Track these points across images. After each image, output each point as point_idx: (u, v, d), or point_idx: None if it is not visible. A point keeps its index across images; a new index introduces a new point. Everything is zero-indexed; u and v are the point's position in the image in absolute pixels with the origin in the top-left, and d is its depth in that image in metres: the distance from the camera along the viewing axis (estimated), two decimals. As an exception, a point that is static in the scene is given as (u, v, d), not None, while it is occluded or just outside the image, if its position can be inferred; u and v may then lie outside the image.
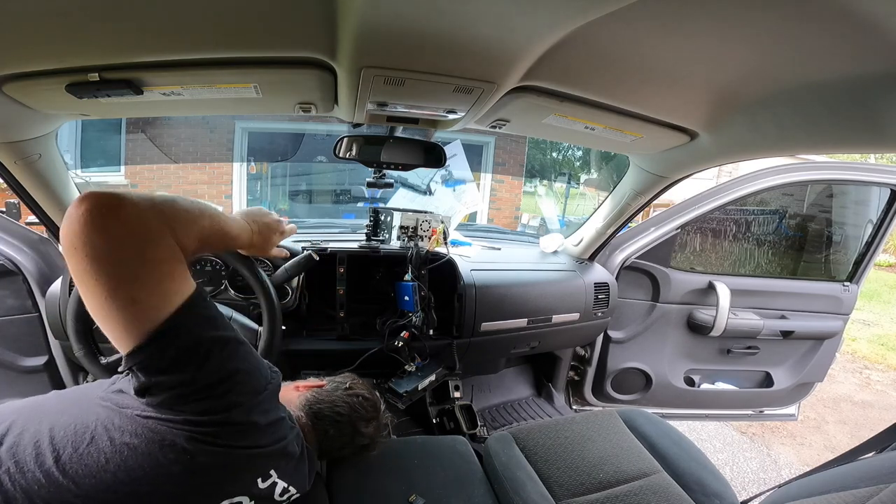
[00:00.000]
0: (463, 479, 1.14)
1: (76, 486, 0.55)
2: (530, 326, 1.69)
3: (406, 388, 1.46)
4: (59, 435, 0.58)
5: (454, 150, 2.60)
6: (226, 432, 0.61)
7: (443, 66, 0.78)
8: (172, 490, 0.59)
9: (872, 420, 3.29)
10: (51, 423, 0.59)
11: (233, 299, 1.39)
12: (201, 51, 0.75)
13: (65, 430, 0.58)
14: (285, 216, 1.10)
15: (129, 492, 0.56)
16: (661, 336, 2.05)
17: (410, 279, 1.45)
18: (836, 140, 0.91)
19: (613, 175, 2.37)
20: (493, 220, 5.49)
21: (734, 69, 0.80)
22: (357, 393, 1.00)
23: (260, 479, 0.69)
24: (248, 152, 4.68)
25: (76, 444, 0.57)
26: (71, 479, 0.55)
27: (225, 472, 0.63)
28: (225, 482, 0.64)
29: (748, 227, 2.12)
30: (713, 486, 1.16)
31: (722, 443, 2.72)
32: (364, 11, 0.62)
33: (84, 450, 0.57)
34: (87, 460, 0.56)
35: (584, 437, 1.30)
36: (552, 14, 0.60)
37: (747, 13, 0.62)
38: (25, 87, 0.83)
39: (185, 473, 0.59)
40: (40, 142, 1.09)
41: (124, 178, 4.37)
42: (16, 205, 1.51)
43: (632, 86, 0.89)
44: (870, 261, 2.02)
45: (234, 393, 0.61)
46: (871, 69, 0.69)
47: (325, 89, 0.91)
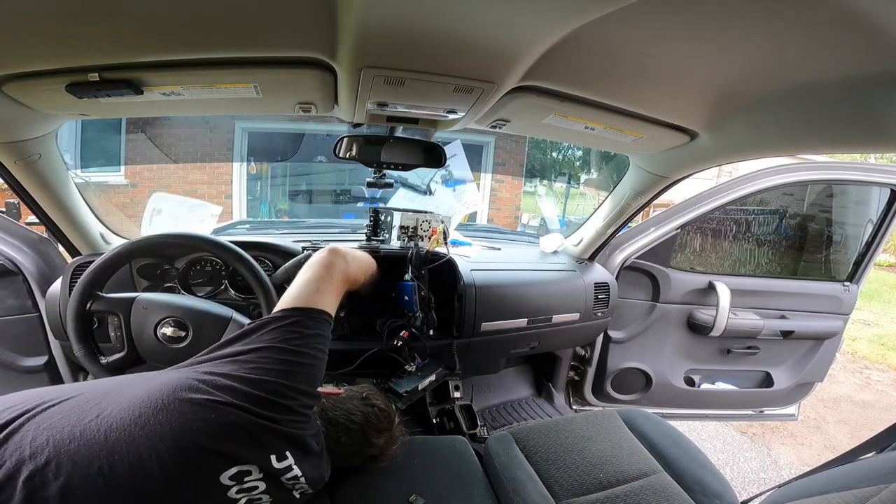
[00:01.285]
0: (463, 479, 1.14)
1: (105, 439, 0.59)
2: (530, 326, 1.68)
3: (406, 388, 1.46)
4: (111, 394, 0.66)
5: (454, 150, 2.60)
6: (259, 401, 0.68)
7: (443, 66, 0.78)
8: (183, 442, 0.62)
9: (873, 420, 3.29)
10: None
11: (233, 299, 1.39)
12: (201, 51, 0.75)
13: (118, 390, 0.68)
14: (285, 216, 1.10)
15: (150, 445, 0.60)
16: (661, 336, 2.05)
17: (410, 279, 1.45)
18: (836, 140, 0.91)
19: (613, 175, 2.37)
20: (493, 220, 5.49)
21: (734, 69, 0.80)
22: (372, 403, 1.04)
23: (275, 457, 0.71)
24: (248, 152, 4.68)
25: (118, 401, 0.64)
26: (104, 433, 0.60)
27: (241, 433, 0.66)
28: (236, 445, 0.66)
29: (748, 226, 2.12)
30: (713, 486, 1.16)
31: (722, 443, 2.72)
32: (364, 11, 0.62)
33: (124, 404, 0.63)
34: (122, 414, 0.62)
35: (585, 437, 1.30)
36: (552, 14, 0.60)
37: (747, 13, 0.62)
38: (25, 87, 0.83)
39: (207, 424, 0.64)
40: (40, 142, 1.09)
41: (124, 179, 4.37)
42: (16, 205, 1.52)
43: (632, 86, 0.89)
44: (870, 261, 2.02)
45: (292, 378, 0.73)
46: (871, 69, 0.69)
47: (325, 89, 0.91)
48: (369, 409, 1.02)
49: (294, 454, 0.73)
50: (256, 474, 0.69)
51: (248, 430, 0.67)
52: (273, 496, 0.74)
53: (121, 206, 4.16)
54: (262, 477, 0.70)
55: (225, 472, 0.65)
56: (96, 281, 1.04)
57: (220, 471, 0.65)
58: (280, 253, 1.41)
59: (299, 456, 0.75)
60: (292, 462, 0.73)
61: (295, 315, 0.79)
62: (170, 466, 0.60)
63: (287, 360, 0.74)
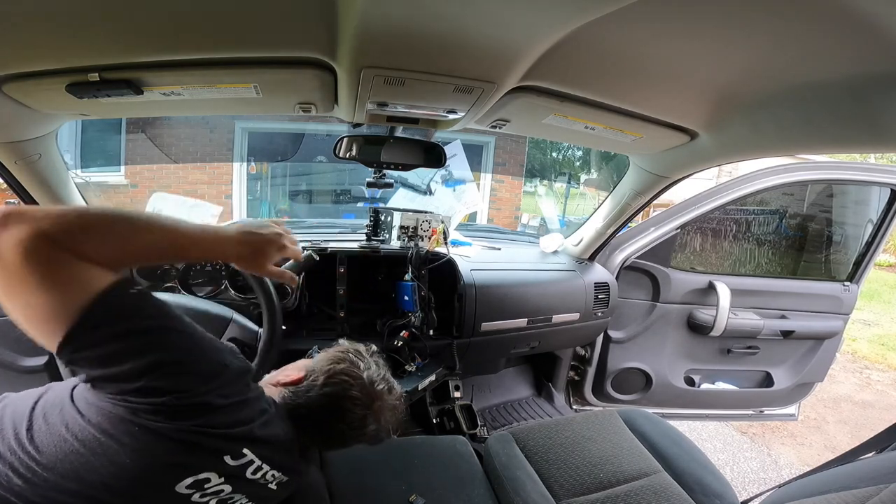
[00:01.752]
0: (463, 479, 1.14)
1: (39, 454, 0.57)
2: (530, 326, 1.68)
3: (406, 388, 1.46)
4: (39, 406, 0.62)
5: (454, 150, 2.60)
6: (173, 412, 0.61)
7: (443, 66, 0.78)
8: (126, 463, 0.58)
9: (873, 420, 3.29)
10: (36, 397, 0.64)
11: (233, 299, 1.39)
12: (201, 51, 0.75)
13: (44, 403, 0.63)
14: (285, 216, 1.09)
15: (84, 462, 0.57)
16: (661, 336, 2.05)
17: (410, 279, 1.45)
18: (836, 140, 0.91)
19: (613, 175, 2.37)
20: (493, 220, 5.49)
21: (734, 69, 0.80)
22: (334, 391, 0.84)
23: (229, 457, 0.67)
24: (248, 152, 4.68)
25: (47, 416, 0.60)
26: (36, 447, 0.57)
27: (180, 447, 0.62)
28: (181, 457, 0.62)
29: (748, 226, 2.12)
30: (713, 486, 1.16)
31: (722, 443, 2.72)
32: (364, 11, 0.62)
33: (52, 420, 0.60)
34: (53, 430, 0.59)
35: (585, 436, 1.30)
36: (552, 14, 0.60)
37: (747, 13, 0.62)
38: (25, 87, 0.83)
39: (136, 447, 0.59)
40: (40, 142, 1.09)
41: (124, 178, 4.37)
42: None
43: (632, 86, 0.89)
44: (870, 261, 2.02)
45: (171, 379, 0.60)
46: (871, 69, 0.69)
47: (325, 89, 0.91)
48: (331, 399, 0.83)
49: (251, 449, 0.69)
50: (217, 479, 0.66)
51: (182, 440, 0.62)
52: (246, 494, 0.72)
53: (121, 206, 4.16)
54: (225, 480, 0.67)
55: (181, 483, 0.63)
56: None
57: (172, 483, 0.63)
58: (280, 253, 1.41)
59: (259, 450, 0.70)
60: (253, 457, 0.70)
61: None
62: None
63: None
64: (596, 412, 1.43)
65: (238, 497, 0.71)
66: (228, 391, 0.67)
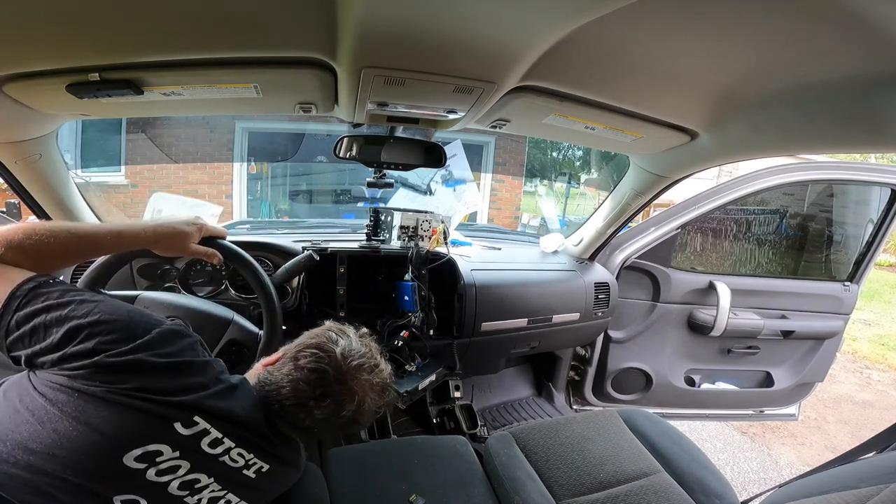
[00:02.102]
0: (463, 479, 1.14)
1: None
2: (530, 326, 1.68)
3: (406, 388, 1.46)
4: (3, 387, 0.65)
5: (454, 150, 2.60)
6: (104, 372, 0.62)
7: (443, 66, 0.78)
8: (68, 430, 0.59)
9: (873, 420, 3.29)
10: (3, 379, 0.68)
11: (233, 299, 1.39)
12: (201, 51, 0.75)
13: (9, 383, 0.66)
14: (285, 216, 1.10)
15: (32, 431, 0.58)
16: (661, 336, 2.05)
17: (410, 279, 1.45)
18: (837, 140, 0.91)
19: (613, 175, 2.37)
20: (493, 219, 5.49)
21: (734, 69, 0.80)
22: (302, 366, 0.76)
23: (179, 424, 0.64)
24: (248, 152, 4.68)
25: (6, 392, 0.64)
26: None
27: (115, 410, 0.61)
28: (120, 423, 0.61)
29: (748, 226, 2.12)
30: (713, 486, 1.16)
31: (722, 443, 2.72)
32: (364, 12, 0.62)
33: (10, 395, 0.63)
34: (10, 404, 0.61)
35: (585, 436, 1.30)
36: (552, 14, 0.60)
37: (747, 13, 0.62)
38: (26, 87, 0.83)
39: (73, 413, 0.60)
40: (41, 142, 1.09)
41: (124, 178, 4.37)
42: (16, 205, 1.51)
43: (632, 85, 0.89)
44: (870, 261, 2.02)
45: (93, 340, 0.63)
46: (871, 69, 0.69)
47: (326, 89, 0.91)
48: (298, 375, 0.75)
49: (204, 417, 0.66)
50: (171, 453, 0.63)
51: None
52: (218, 478, 0.68)
53: (121, 206, 4.16)
54: (180, 455, 0.64)
55: (128, 454, 0.61)
56: (98, 278, 1.04)
57: (118, 454, 0.60)
58: (280, 253, 1.41)
59: (216, 423, 0.67)
60: (207, 426, 0.66)
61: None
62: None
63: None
64: (596, 412, 1.43)
65: (210, 483, 0.67)
66: (164, 351, 0.66)
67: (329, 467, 1.12)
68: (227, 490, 0.70)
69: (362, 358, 0.80)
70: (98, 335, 0.63)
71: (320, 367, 0.76)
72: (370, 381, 0.79)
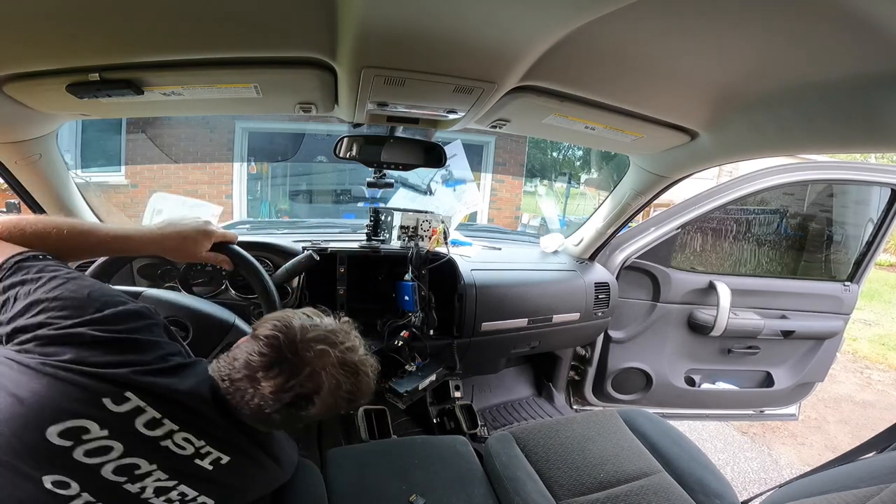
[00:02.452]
0: (463, 479, 1.14)
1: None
2: (531, 326, 1.68)
3: (406, 387, 1.46)
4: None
5: (454, 150, 2.60)
6: (44, 344, 0.61)
7: (443, 66, 0.78)
8: (3, 406, 0.57)
9: (873, 420, 3.28)
10: None
11: (233, 299, 1.39)
12: (202, 51, 0.75)
13: None
14: (286, 216, 1.10)
15: None
16: (661, 336, 2.05)
17: (411, 279, 1.45)
18: (837, 140, 0.91)
19: (613, 175, 2.37)
20: (493, 219, 5.49)
21: (734, 69, 0.80)
22: (258, 335, 0.72)
23: (109, 401, 0.60)
24: (248, 152, 4.68)
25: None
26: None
27: (44, 381, 0.58)
28: (47, 394, 0.58)
29: (749, 226, 2.12)
30: (714, 486, 1.15)
31: (723, 443, 2.72)
32: (364, 12, 0.62)
33: None
34: None
35: (585, 436, 1.30)
36: (552, 14, 0.60)
37: (747, 13, 0.62)
38: (26, 88, 0.83)
39: (5, 383, 0.58)
40: (41, 142, 1.09)
41: (124, 178, 4.37)
42: (16, 205, 1.51)
43: (632, 85, 0.89)
44: (870, 260, 2.02)
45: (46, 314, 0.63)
46: (871, 69, 0.69)
47: (326, 89, 0.91)
48: (253, 346, 0.71)
49: (138, 394, 0.61)
50: (98, 431, 0.58)
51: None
52: (168, 471, 0.63)
53: (121, 206, 4.16)
54: (109, 434, 0.59)
55: (50, 427, 0.57)
56: (100, 275, 1.04)
57: (42, 425, 0.57)
58: (280, 253, 1.41)
59: (151, 399, 0.62)
60: (141, 403, 0.61)
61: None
62: None
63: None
64: (596, 412, 1.43)
65: (153, 470, 0.62)
66: (112, 328, 0.64)
67: (329, 467, 1.12)
68: (177, 481, 0.64)
69: (326, 331, 0.73)
70: (51, 310, 0.63)
71: (273, 334, 0.70)
72: (330, 353, 0.71)
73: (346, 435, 1.66)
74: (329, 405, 0.71)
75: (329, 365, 0.70)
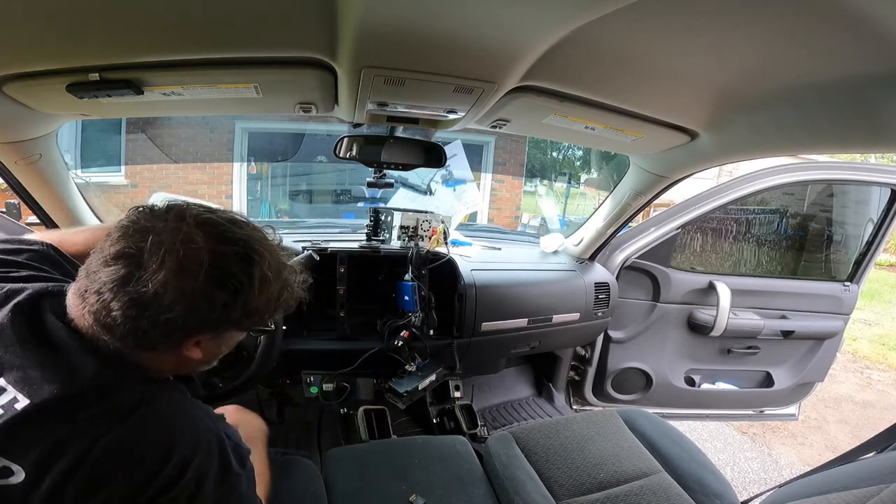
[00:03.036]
0: (463, 479, 1.14)
1: None
2: (530, 326, 1.68)
3: (406, 387, 1.46)
4: None
5: (454, 150, 2.61)
6: None
7: (443, 66, 0.78)
8: None
9: (873, 420, 3.28)
10: None
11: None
12: (202, 51, 0.75)
13: None
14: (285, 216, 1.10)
15: None
16: (661, 336, 2.05)
17: (410, 279, 1.45)
18: (837, 140, 0.91)
19: (613, 175, 2.37)
20: (493, 219, 5.49)
21: (734, 69, 0.80)
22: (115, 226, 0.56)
23: None
24: (248, 152, 4.68)
25: None
26: None
27: None
28: None
29: (749, 226, 2.12)
30: (714, 486, 1.15)
31: (722, 443, 2.72)
32: (364, 12, 0.62)
33: None
34: None
35: (585, 437, 1.30)
36: (552, 14, 0.60)
37: (747, 13, 0.62)
38: (26, 88, 0.83)
39: None
40: (41, 142, 1.09)
41: (124, 179, 4.37)
42: (16, 205, 1.51)
43: (632, 85, 0.89)
44: (870, 260, 2.02)
45: None
46: (871, 69, 0.69)
47: (326, 89, 0.91)
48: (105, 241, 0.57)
49: None
50: None
51: None
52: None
53: (121, 206, 4.14)
54: None
55: None
56: None
57: None
58: (280, 253, 1.41)
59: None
60: None
61: None
62: None
63: None
64: (596, 412, 1.43)
65: None
66: None
67: (328, 467, 1.12)
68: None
69: (197, 209, 0.56)
70: None
71: (125, 224, 0.55)
72: (192, 217, 0.54)
73: (346, 435, 1.66)
74: (189, 298, 0.52)
75: (200, 238, 0.53)
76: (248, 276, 0.56)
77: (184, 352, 0.59)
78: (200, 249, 0.53)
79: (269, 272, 0.58)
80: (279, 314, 0.66)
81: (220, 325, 0.59)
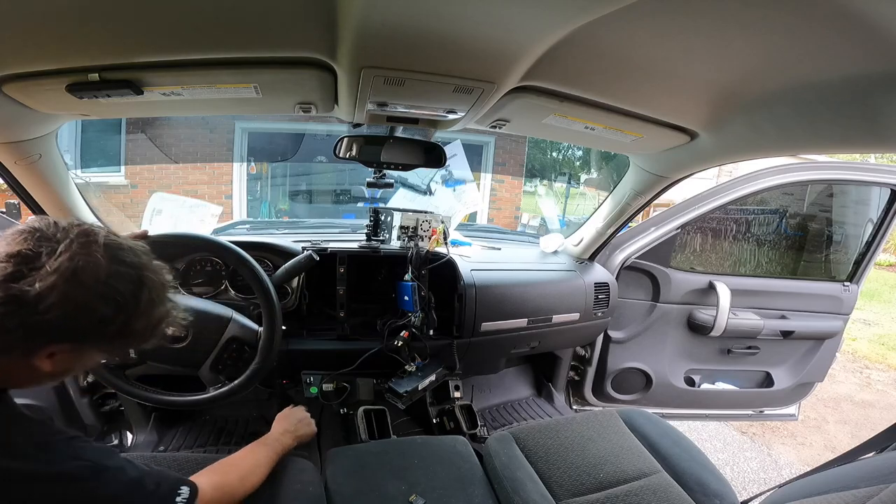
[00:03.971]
0: (463, 479, 1.14)
1: None
2: (530, 326, 1.68)
3: (406, 388, 1.46)
4: None
5: (454, 150, 2.60)
6: None
7: (443, 66, 0.78)
8: None
9: (873, 420, 3.29)
10: None
11: (233, 299, 1.39)
12: (201, 51, 0.75)
13: None
14: (285, 216, 1.10)
15: None
16: (661, 336, 2.05)
17: (410, 279, 1.45)
18: (837, 140, 0.91)
19: (613, 175, 2.37)
20: (493, 220, 5.49)
21: (734, 69, 0.80)
22: None
23: None
24: (248, 152, 4.68)
25: None
26: None
27: None
28: None
29: (748, 226, 2.12)
30: (713, 486, 1.15)
31: (722, 443, 2.72)
32: (364, 12, 0.62)
33: None
34: None
35: (585, 437, 1.30)
36: (552, 14, 0.60)
37: (747, 13, 0.62)
38: (26, 88, 0.83)
39: None
40: (41, 142, 1.09)
41: (124, 179, 4.37)
42: (16, 205, 1.51)
43: (632, 85, 0.89)
44: (870, 260, 2.02)
45: None
46: (871, 69, 0.69)
47: (325, 89, 0.91)
48: None
49: None
50: None
51: None
52: None
53: (121, 206, 4.16)
54: None
55: None
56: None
57: None
58: (280, 253, 1.41)
59: None
60: None
61: None
62: None
63: None
64: (596, 412, 1.43)
65: None
66: None
67: (328, 467, 1.12)
68: None
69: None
70: None
71: (29, 230, 0.56)
72: (100, 237, 0.59)
73: (346, 435, 1.66)
74: (71, 305, 0.54)
75: (81, 246, 0.56)
76: (134, 298, 0.60)
77: (35, 361, 0.58)
78: (99, 265, 0.57)
79: (155, 298, 0.62)
80: (153, 341, 0.67)
81: (88, 339, 0.59)
